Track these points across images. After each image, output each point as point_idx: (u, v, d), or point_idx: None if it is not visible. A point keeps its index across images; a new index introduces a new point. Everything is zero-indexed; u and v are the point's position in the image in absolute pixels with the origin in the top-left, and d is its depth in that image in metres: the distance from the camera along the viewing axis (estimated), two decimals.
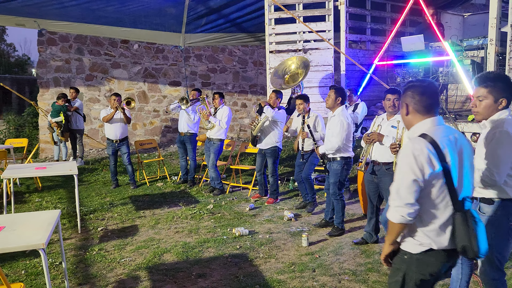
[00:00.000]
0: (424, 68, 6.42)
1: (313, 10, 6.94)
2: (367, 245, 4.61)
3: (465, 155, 2.10)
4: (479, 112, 2.62)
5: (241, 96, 11.99)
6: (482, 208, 2.69)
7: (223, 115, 6.85)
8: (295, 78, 6.38)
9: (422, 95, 2.12)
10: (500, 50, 5.49)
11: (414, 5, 6.72)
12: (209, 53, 11.47)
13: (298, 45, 7.03)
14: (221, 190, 6.93)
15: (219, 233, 5.09)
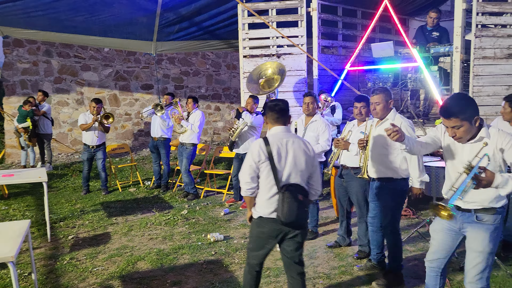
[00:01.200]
0: (394, 73, 6.59)
1: (286, 16, 7.01)
2: (340, 248, 4.70)
3: (290, 155, 2.96)
4: (462, 137, 2.64)
5: (214, 99, 11.97)
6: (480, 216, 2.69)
7: (195, 119, 6.82)
8: (271, 83, 6.42)
9: (271, 111, 3.09)
10: (465, 58, 5.71)
11: (383, 12, 6.90)
12: (182, 56, 11.39)
13: (272, 50, 7.08)
14: (195, 195, 6.89)
15: (194, 239, 5.07)
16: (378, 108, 3.71)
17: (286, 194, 2.87)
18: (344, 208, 4.60)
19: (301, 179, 3.01)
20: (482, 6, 5.53)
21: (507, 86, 5.55)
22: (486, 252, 2.66)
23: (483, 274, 2.69)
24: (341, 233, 4.71)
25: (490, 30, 5.63)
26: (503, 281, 3.85)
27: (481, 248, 2.66)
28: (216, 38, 8.62)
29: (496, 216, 2.66)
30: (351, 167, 4.30)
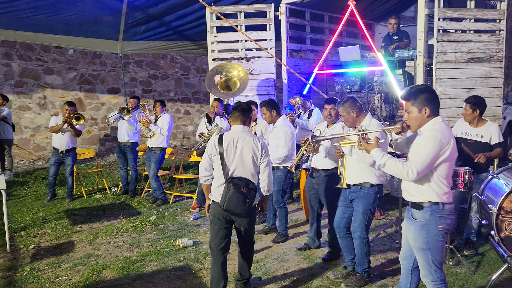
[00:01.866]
0: (360, 77, 6.71)
1: (254, 19, 7.02)
2: (310, 250, 4.70)
3: (238, 151, 3.43)
4: (411, 124, 2.82)
5: (183, 103, 11.83)
6: (413, 213, 2.81)
7: (164, 123, 6.71)
8: (229, 86, 6.39)
9: (233, 110, 3.60)
10: (428, 61, 5.88)
11: (350, 17, 7.01)
12: (149, 60, 11.21)
13: (241, 53, 7.07)
14: (163, 201, 6.76)
15: (162, 246, 4.96)
16: (343, 119, 3.74)
17: (230, 186, 3.37)
18: (314, 210, 4.61)
19: (249, 174, 3.46)
20: (443, 11, 5.71)
21: (467, 89, 5.74)
22: (419, 248, 2.78)
23: (427, 268, 2.79)
24: (311, 235, 4.71)
25: (451, 35, 5.82)
26: (465, 277, 3.96)
27: (413, 244, 2.82)
28: (185, 39, 8.53)
29: (423, 213, 2.74)
30: (322, 169, 4.31)
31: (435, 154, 2.64)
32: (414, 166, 2.63)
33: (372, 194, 3.67)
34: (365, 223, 3.72)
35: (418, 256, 2.82)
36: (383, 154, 2.76)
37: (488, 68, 5.90)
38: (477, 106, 4.44)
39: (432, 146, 2.64)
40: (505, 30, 5.90)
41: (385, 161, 2.74)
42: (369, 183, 3.66)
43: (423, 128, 2.76)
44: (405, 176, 2.66)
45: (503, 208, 2.99)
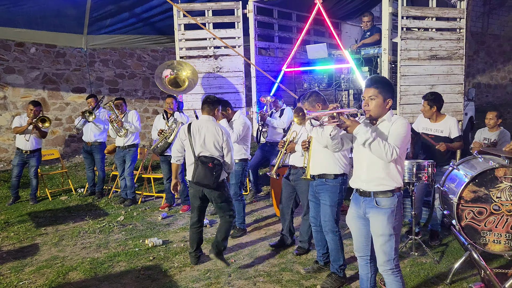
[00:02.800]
0: (328, 74, 6.81)
1: (222, 17, 6.98)
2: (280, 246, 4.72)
3: (201, 137, 4.11)
4: (371, 110, 2.85)
5: (152, 102, 11.63)
6: (379, 201, 2.84)
7: (133, 119, 6.61)
8: (177, 84, 6.36)
9: (203, 102, 4.33)
10: (392, 59, 6.02)
11: (317, 15, 7.09)
12: (116, 58, 10.95)
13: (209, 51, 7.02)
14: (132, 200, 6.64)
15: (131, 246, 4.87)
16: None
17: (198, 163, 4.07)
18: (289, 207, 4.60)
19: (214, 152, 4.12)
20: (406, 10, 5.86)
21: (430, 86, 5.92)
22: (387, 234, 2.81)
23: (390, 256, 2.83)
24: (285, 232, 4.71)
25: (414, 33, 5.98)
26: (430, 267, 4.09)
27: (381, 232, 2.83)
28: (155, 32, 8.36)
29: (393, 199, 2.81)
30: (299, 167, 4.33)
31: (406, 139, 2.79)
32: (395, 147, 2.70)
33: (336, 185, 3.69)
34: (334, 216, 3.72)
35: (384, 243, 2.82)
36: (371, 130, 2.72)
37: (450, 65, 6.10)
38: (434, 102, 4.60)
39: (405, 132, 2.77)
40: (465, 28, 6.13)
41: (375, 136, 2.69)
42: (333, 174, 3.68)
43: (386, 117, 2.84)
44: (389, 155, 2.68)
45: (463, 198, 3.10)
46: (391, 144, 2.71)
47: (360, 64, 6.47)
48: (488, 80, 15.10)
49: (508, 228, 3.03)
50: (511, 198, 3.00)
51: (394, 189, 2.82)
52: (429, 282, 3.79)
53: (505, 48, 15.30)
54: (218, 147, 4.14)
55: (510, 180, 3.00)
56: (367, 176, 2.89)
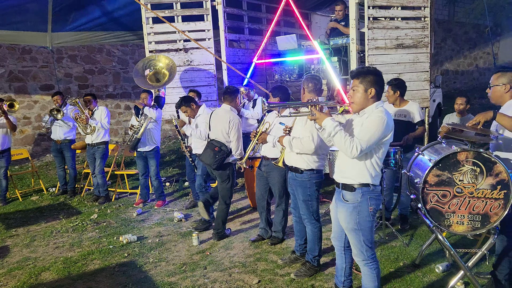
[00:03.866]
0: (298, 65, 6.86)
1: (191, 10, 6.92)
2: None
3: (213, 123, 4.68)
4: (354, 102, 2.83)
5: (123, 98, 11.45)
6: (344, 195, 2.88)
7: (102, 116, 6.50)
8: (158, 77, 6.31)
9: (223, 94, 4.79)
10: (360, 48, 6.11)
11: (287, 6, 7.13)
12: (84, 54, 10.71)
13: (179, 44, 6.95)
14: (106, 198, 6.57)
15: (105, 243, 4.83)
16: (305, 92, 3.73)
17: (208, 144, 4.66)
18: (264, 199, 4.63)
19: (222, 139, 4.60)
20: (372, 0, 5.95)
21: (397, 74, 6.05)
22: (351, 229, 2.85)
23: (359, 249, 2.88)
24: (263, 225, 4.73)
25: (380, 23, 6.08)
26: (400, 250, 4.22)
27: (345, 225, 2.89)
28: (122, 28, 8.19)
29: (356, 195, 2.81)
30: (271, 158, 4.36)
31: (380, 135, 2.70)
32: (359, 143, 2.65)
33: (305, 181, 3.69)
34: (309, 209, 3.74)
35: (350, 237, 2.90)
36: (336, 124, 2.73)
37: (416, 54, 6.24)
38: (398, 88, 4.73)
39: (378, 127, 2.69)
40: (429, 17, 6.26)
41: (338, 130, 2.70)
42: (301, 168, 3.68)
43: (367, 109, 2.80)
44: (349, 151, 2.66)
45: (428, 182, 3.19)
46: (356, 139, 2.67)
47: (329, 54, 6.54)
48: (456, 67, 15.51)
49: (470, 209, 3.15)
50: (472, 180, 3.12)
51: (359, 185, 2.80)
52: (399, 265, 3.92)
53: (471, 36, 15.72)
54: (224, 134, 4.58)
55: (472, 164, 3.11)
56: (338, 167, 2.96)
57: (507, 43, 15.64)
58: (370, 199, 2.83)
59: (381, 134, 2.70)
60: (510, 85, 3.21)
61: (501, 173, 3.08)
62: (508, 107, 3.22)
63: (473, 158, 3.13)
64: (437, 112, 9.51)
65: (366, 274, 2.93)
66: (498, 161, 3.07)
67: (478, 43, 15.86)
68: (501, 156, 3.24)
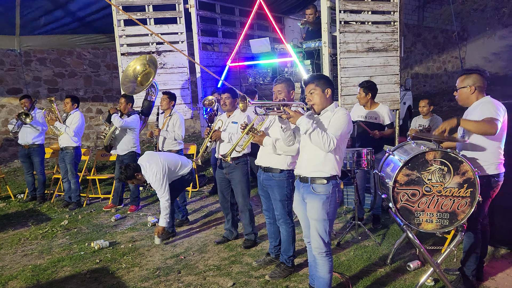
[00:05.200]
0: (272, 68, 6.90)
1: (163, 12, 6.86)
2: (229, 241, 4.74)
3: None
4: (315, 104, 3.04)
5: (95, 102, 11.22)
6: (315, 188, 3.00)
7: (72, 121, 6.35)
8: (148, 77, 6.25)
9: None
10: (332, 52, 6.21)
11: (260, 10, 7.16)
12: (54, 57, 10.44)
13: (151, 47, 6.88)
14: (77, 204, 6.41)
15: (76, 250, 4.71)
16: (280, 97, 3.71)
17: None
18: (227, 200, 4.62)
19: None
20: (343, 4, 6.06)
21: (368, 77, 6.16)
22: (321, 219, 3.00)
23: (324, 239, 3.02)
24: (228, 227, 4.73)
25: (351, 26, 6.19)
26: (373, 249, 4.29)
27: (316, 216, 3.01)
28: (93, 31, 8.05)
29: (328, 186, 2.98)
30: (231, 158, 4.35)
31: (346, 129, 2.95)
32: (334, 137, 2.85)
33: (283, 180, 3.71)
34: (285, 209, 3.77)
35: (318, 227, 3.01)
36: (312, 121, 2.87)
37: (386, 57, 6.39)
38: (369, 90, 4.84)
39: (345, 122, 2.94)
40: (399, 21, 6.42)
41: (315, 127, 2.84)
42: (279, 168, 3.70)
43: (329, 108, 3.03)
44: (327, 145, 2.84)
45: (398, 181, 3.26)
46: (330, 135, 2.86)
47: (302, 58, 6.61)
48: (425, 71, 15.94)
49: (439, 207, 3.23)
50: (440, 179, 3.21)
51: (330, 177, 2.99)
52: (371, 264, 3.98)
53: (440, 40, 16.22)
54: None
55: (439, 163, 3.20)
56: (307, 163, 3.06)
57: (474, 48, 16.22)
58: (338, 191, 3.06)
59: (348, 129, 2.97)
60: (475, 87, 3.32)
61: (467, 172, 3.18)
62: (475, 108, 3.33)
63: (441, 158, 3.22)
64: (407, 114, 9.75)
65: (324, 265, 3.07)
66: (464, 160, 3.17)
67: (446, 48, 16.37)
68: (468, 155, 3.35)
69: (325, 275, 3.08)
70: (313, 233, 3.06)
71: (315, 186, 3.01)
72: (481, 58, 15.79)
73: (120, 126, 5.76)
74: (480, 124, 3.11)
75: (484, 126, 3.09)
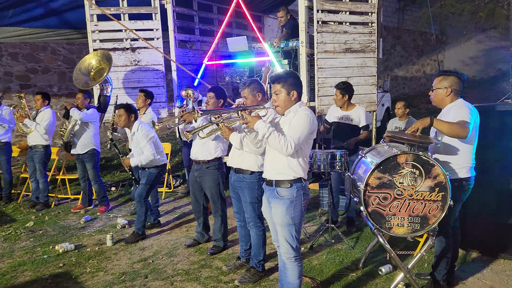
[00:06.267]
0: (249, 67, 6.79)
1: (138, 8, 6.67)
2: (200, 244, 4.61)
3: None
4: (279, 106, 2.93)
5: (69, 99, 10.88)
6: (279, 192, 2.90)
7: (43, 118, 6.12)
8: (102, 73, 6.08)
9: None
10: (310, 52, 6.13)
11: (238, 8, 7.04)
12: (27, 52, 10.12)
13: (126, 43, 6.69)
14: (45, 204, 6.18)
15: (39, 253, 4.51)
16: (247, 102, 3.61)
17: None
18: (200, 204, 4.48)
19: None
20: (321, 4, 5.98)
21: (345, 78, 6.11)
22: (286, 224, 2.89)
23: (291, 244, 2.91)
24: (199, 230, 4.60)
25: (329, 26, 6.12)
26: (346, 253, 4.22)
27: (280, 221, 2.91)
28: (67, 27, 7.78)
29: (292, 190, 2.88)
30: (202, 161, 4.23)
31: (308, 131, 2.82)
32: (292, 141, 2.74)
33: (254, 182, 3.60)
34: (256, 212, 3.66)
35: (284, 232, 2.91)
36: (269, 126, 2.78)
37: (363, 58, 6.34)
38: (346, 91, 4.79)
39: (306, 124, 2.81)
40: (376, 22, 6.39)
41: (271, 131, 2.75)
42: (249, 170, 3.60)
43: (292, 109, 2.91)
44: (285, 149, 2.74)
45: (369, 185, 3.19)
46: (288, 138, 2.76)
47: (280, 57, 6.51)
48: (405, 73, 16.07)
49: (410, 211, 3.18)
50: (412, 183, 3.15)
51: (293, 180, 2.88)
52: (343, 268, 3.91)
53: (419, 43, 16.37)
54: None
55: (411, 166, 3.15)
56: (271, 165, 2.98)
57: (452, 51, 16.44)
58: (304, 194, 2.93)
59: (309, 130, 2.84)
60: (451, 89, 3.27)
61: (439, 175, 3.13)
62: (448, 111, 3.29)
63: (412, 161, 3.16)
64: (386, 116, 9.77)
65: (293, 270, 2.98)
66: (436, 164, 3.12)
67: (425, 51, 16.54)
68: (440, 159, 3.31)
69: (294, 281, 2.99)
70: (280, 238, 2.97)
71: (279, 190, 2.91)
72: (459, 61, 16.01)
73: (80, 118, 5.59)
74: (452, 126, 3.06)
75: (456, 129, 3.04)
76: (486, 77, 14.86)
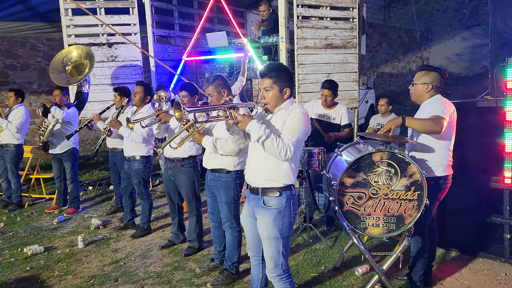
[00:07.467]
0: (229, 63, 6.66)
1: (115, 2, 6.49)
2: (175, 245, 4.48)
3: None
4: (269, 103, 2.57)
5: (49, 96, 10.61)
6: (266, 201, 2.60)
7: (15, 117, 5.92)
8: (80, 69, 5.89)
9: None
10: (290, 47, 6.01)
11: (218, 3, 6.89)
12: (5, 48, 9.84)
13: (102, 38, 6.50)
14: (18, 205, 5.98)
15: (6, 256, 4.34)
16: (213, 99, 3.45)
17: None
18: (174, 203, 4.36)
19: None
20: None
21: (326, 74, 6.02)
22: (273, 238, 2.57)
23: (277, 261, 2.61)
24: (174, 230, 4.47)
25: (310, 22, 6.01)
26: (323, 253, 4.12)
27: (267, 235, 2.59)
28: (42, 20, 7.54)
29: (281, 199, 2.56)
30: (176, 159, 4.10)
31: (304, 131, 2.54)
32: (290, 144, 2.43)
33: (230, 181, 3.48)
34: (232, 212, 3.53)
35: (269, 247, 2.59)
36: (264, 127, 2.40)
37: (345, 54, 6.25)
38: (335, 89, 4.67)
39: (302, 123, 2.51)
40: (357, 18, 6.29)
41: (268, 134, 2.39)
42: (225, 169, 3.47)
43: (283, 105, 2.57)
44: (283, 154, 2.42)
45: (344, 184, 3.09)
46: (286, 141, 2.44)
47: (260, 53, 6.39)
48: (391, 70, 16.06)
49: (386, 211, 3.08)
50: (387, 182, 3.05)
51: (282, 187, 2.56)
52: (320, 268, 3.81)
53: (404, 40, 16.37)
54: None
55: (386, 164, 3.05)
56: (255, 168, 2.64)
57: (438, 49, 16.47)
58: (293, 203, 2.62)
59: (305, 131, 2.55)
60: (432, 85, 3.19)
61: (415, 174, 3.04)
62: (424, 107, 3.21)
63: (388, 159, 3.06)
64: (370, 113, 9.72)
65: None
66: (412, 162, 3.03)
67: (411, 48, 16.54)
68: (417, 157, 3.22)
69: None
70: (264, 254, 2.65)
71: (266, 199, 2.57)
72: (444, 58, 16.04)
73: (62, 118, 5.40)
74: (425, 122, 2.97)
75: (430, 125, 2.95)
76: (471, 74, 14.91)
